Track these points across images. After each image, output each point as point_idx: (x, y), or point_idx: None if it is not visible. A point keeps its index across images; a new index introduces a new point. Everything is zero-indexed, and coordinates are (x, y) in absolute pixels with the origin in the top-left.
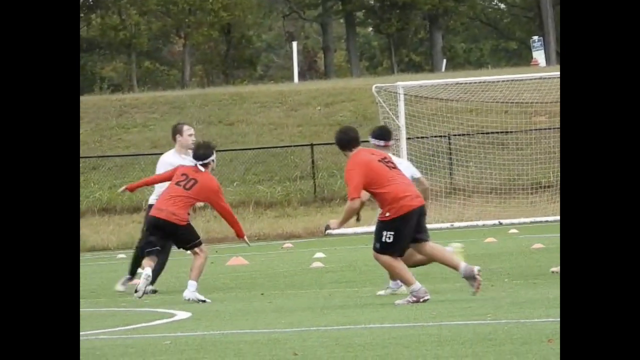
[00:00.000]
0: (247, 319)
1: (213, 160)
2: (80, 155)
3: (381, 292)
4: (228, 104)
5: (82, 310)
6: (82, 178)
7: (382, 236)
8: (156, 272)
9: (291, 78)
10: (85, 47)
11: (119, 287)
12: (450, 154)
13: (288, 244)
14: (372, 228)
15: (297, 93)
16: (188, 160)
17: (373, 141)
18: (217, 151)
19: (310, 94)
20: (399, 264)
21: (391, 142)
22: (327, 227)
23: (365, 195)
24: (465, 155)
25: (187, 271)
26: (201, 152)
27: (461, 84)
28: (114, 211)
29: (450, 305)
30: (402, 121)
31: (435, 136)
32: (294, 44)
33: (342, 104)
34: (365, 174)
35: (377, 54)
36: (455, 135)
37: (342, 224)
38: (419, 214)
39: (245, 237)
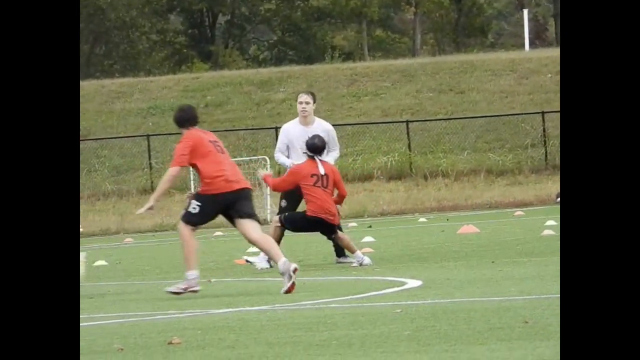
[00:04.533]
0: (478, 287)
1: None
2: None
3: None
4: (459, 72)
5: (315, 279)
6: None
7: (189, 205)
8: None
9: (522, 46)
10: (316, 16)
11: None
12: None
13: (519, 212)
14: None
15: (528, 61)
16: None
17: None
18: (448, 119)
19: (541, 62)
20: (192, 244)
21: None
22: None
23: None
24: None
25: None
26: (318, 143)
27: None
28: (346, 179)
29: None
30: None
31: None
32: (525, 11)
33: None
34: (195, 147)
35: None
36: None
37: (159, 195)
38: (239, 196)
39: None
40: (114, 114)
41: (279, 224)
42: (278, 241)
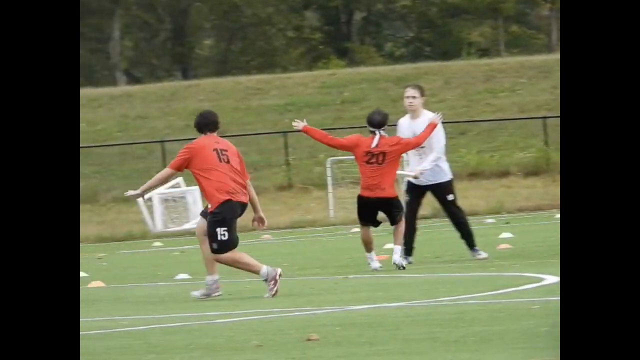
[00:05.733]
0: None
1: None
2: (449, 120)
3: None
4: None
5: (453, 275)
6: (450, 143)
7: (216, 235)
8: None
9: None
10: (452, 12)
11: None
12: None
13: None
14: None
15: None
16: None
17: None
18: None
19: None
20: (240, 256)
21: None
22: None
23: None
24: None
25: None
26: (377, 117)
27: None
28: (483, 176)
29: None
30: None
31: None
32: None
33: None
34: (195, 155)
35: None
36: None
37: (144, 190)
38: (240, 209)
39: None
40: (250, 111)
41: (360, 225)
42: (370, 242)
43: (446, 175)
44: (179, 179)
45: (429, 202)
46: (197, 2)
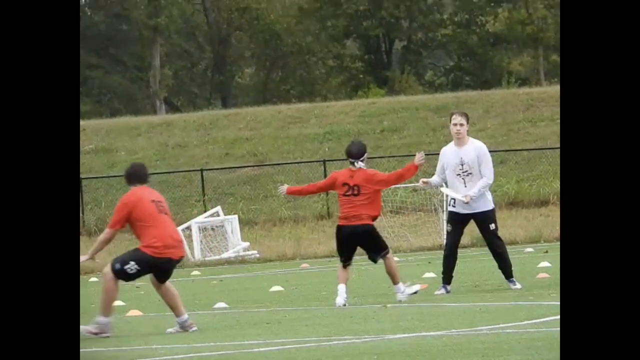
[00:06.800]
0: None
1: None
2: (489, 149)
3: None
4: None
5: (491, 304)
6: None
7: (126, 264)
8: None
9: None
10: (492, 41)
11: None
12: None
13: None
14: None
15: None
16: None
17: None
18: None
19: None
20: (114, 296)
21: None
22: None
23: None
24: None
25: None
26: (353, 149)
27: None
28: (522, 205)
29: None
30: None
31: None
32: None
33: None
34: (133, 209)
35: None
36: None
37: (93, 253)
38: (173, 265)
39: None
40: (290, 139)
41: (341, 262)
42: (344, 278)
43: (490, 203)
44: (218, 208)
45: (468, 232)
46: (238, 30)
